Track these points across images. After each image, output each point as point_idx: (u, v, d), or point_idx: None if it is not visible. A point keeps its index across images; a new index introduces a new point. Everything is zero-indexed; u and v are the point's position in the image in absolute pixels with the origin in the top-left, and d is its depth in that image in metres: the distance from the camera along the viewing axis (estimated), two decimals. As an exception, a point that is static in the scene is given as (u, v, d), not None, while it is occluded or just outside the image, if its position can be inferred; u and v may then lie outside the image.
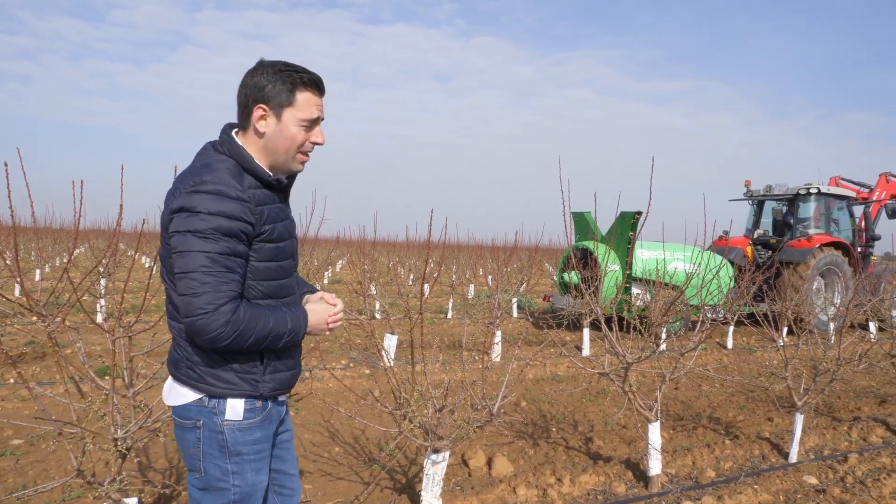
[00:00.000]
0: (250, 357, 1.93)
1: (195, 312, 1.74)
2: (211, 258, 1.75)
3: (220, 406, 1.92)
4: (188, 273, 1.75)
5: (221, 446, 1.93)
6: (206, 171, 1.82)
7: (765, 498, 4.00)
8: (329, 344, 8.84)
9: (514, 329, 11.07)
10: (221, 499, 1.96)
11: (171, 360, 1.99)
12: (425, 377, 3.37)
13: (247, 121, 1.92)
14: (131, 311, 10.68)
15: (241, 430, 1.94)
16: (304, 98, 1.90)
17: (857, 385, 7.55)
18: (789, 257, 11.50)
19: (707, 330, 4.51)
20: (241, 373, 1.92)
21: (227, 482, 1.95)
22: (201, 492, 1.98)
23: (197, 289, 1.74)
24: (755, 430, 5.52)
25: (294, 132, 1.91)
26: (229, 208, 1.78)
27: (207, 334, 1.76)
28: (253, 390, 1.95)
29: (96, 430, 3.17)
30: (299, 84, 1.89)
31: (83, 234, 22.75)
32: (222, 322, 1.75)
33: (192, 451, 1.95)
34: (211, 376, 1.90)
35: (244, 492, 1.98)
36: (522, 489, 4.01)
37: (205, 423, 1.92)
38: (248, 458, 1.97)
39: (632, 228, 9.77)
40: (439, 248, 10.47)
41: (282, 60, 1.91)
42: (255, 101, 1.88)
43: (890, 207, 13.51)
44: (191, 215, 1.76)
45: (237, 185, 1.82)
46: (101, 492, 2.74)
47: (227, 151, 1.90)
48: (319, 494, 3.94)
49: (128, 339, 2.98)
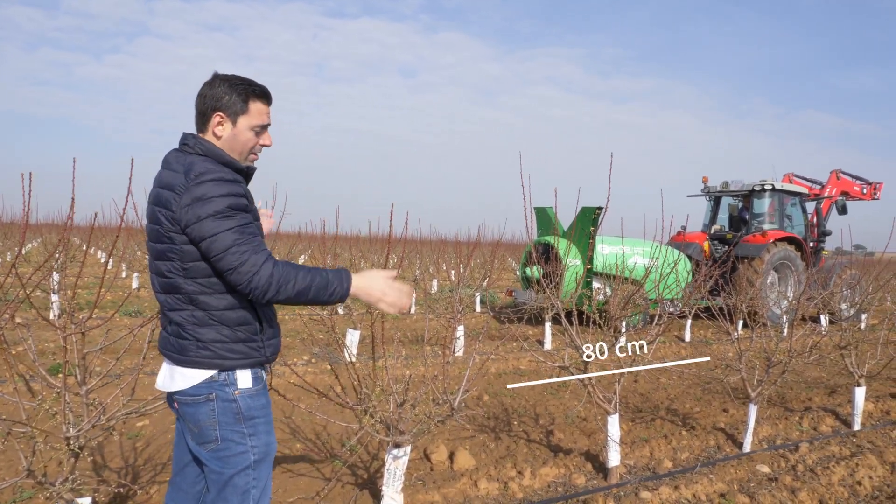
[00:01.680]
0: (252, 327, 2.19)
1: (244, 279, 2.02)
2: (237, 231, 2.04)
3: (231, 377, 2.16)
4: (227, 250, 2.02)
5: (236, 413, 2.17)
6: (198, 167, 2.07)
7: (720, 487, 4.09)
8: (290, 339, 8.76)
9: (477, 324, 11.11)
10: (243, 461, 2.18)
11: (175, 348, 2.17)
12: (386, 372, 3.36)
13: (205, 126, 2.19)
14: (85, 306, 10.42)
15: (251, 396, 2.20)
16: (256, 107, 2.20)
17: (809, 376, 7.78)
18: (745, 252, 11.76)
19: (665, 323, 4.59)
20: (248, 342, 2.18)
21: (245, 445, 2.18)
22: (221, 461, 2.18)
23: (239, 259, 2.02)
24: (711, 421, 5.65)
25: (247, 136, 2.21)
26: (233, 189, 2.07)
27: (262, 289, 2.04)
28: (260, 356, 2.22)
29: (47, 429, 3.08)
30: (252, 95, 2.18)
31: (35, 228, 22.10)
32: (268, 274, 2.03)
33: (207, 423, 2.15)
34: (225, 350, 2.14)
35: (262, 451, 2.23)
36: (484, 482, 4.03)
37: (217, 395, 2.14)
38: (260, 422, 2.22)
39: (593, 223, 9.88)
40: (401, 243, 10.43)
41: (236, 74, 2.20)
42: (213, 110, 2.16)
43: (840, 204, 13.93)
44: (205, 202, 2.01)
45: (229, 171, 2.11)
46: (53, 492, 2.68)
47: (200, 151, 2.14)
48: (280, 491, 3.90)
49: (81, 335, 2.91)
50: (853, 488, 4.19)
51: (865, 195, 15.05)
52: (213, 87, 2.16)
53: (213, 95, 2.15)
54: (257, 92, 2.20)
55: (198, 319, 2.12)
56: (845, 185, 14.80)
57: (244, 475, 2.20)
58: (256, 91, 2.19)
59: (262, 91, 2.21)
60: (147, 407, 3.13)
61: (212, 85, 2.17)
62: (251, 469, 2.20)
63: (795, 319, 5.24)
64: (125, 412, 3.03)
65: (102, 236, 19.94)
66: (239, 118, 2.17)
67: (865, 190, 15.04)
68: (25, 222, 2.98)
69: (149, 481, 3.93)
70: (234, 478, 2.18)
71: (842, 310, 11.98)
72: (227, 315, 2.14)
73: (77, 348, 2.91)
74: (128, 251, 14.72)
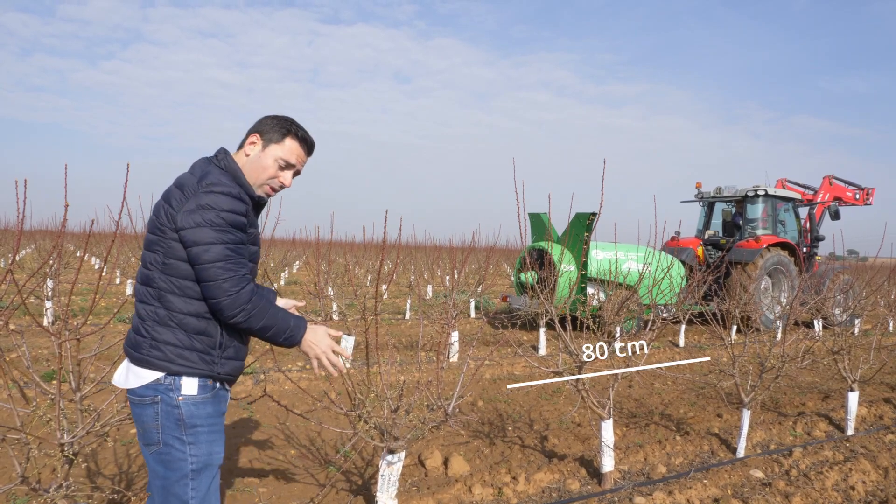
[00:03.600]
0: (211, 340, 2.19)
1: (222, 295, 2.08)
2: (229, 248, 2.10)
3: (176, 383, 2.15)
4: (213, 263, 2.07)
5: (178, 419, 2.15)
6: (213, 176, 2.15)
7: (713, 492, 4.11)
8: (285, 345, 8.73)
9: (472, 329, 11.12)
10: (181, 469, 2.17)
11: (131, 343, 2.20)
12: (380, 378, 3.37)
13: (242, 144, 2.32)
14: (79, 313, 10.39)
15: (195, 404, 2.18)
16: (290, 145, 2.31)
17: (802, 381, 7.80)
18: (738, 257, 11.81)
19: (658, 328, 4.61)
20: (202, 353, 2.18)
21: (184, 452, 2.17)
22: (161, 465, 2.18)
23: (223, 275, 2.07)
24: (705, 426, 5.66)
25: (269, 164, 2.29)
26: (237, 206, 2.13)
27: (232, 311, 2.10)
28: (209, 370, 2.19)
29: (42, 435, 3.08)
30: (291, 133, 2.31)
31: (29, 234, 22.03)
32: (244, 300, 2.10)
33: (151, 426, 2.16)
34: (175, 354, 2.14)
35: (202, 461, 2.20)
36: (478, 488, 4.03)
37: (162, 399, 2.14)
38: (202, 431, 2.20)
39: (587, 229, 9.91)
40: (395, 249, 10.46)
41: (292, 117, 2.36)
42: (253, 131, 2.31)
43: (833, 209, 14.00)
44: (207, 211, 2.08)
45: (240, 189, 2.19)
46: (47, 498, 2.67)
47: (223, 165, 2.24)
48: (274, 497, 3.90)
49: (75, 341, 2.91)
50: (847, 493, 4.20)
51: (858, 200, 15.14)
52: (268, 117, 2.33)
53: (261, 122, 2.32)
54: (298, 134, 2.33)
55: (159, 317, 2.15)
56: (838, 190, 14.89)
57: (182, 484, 2.18)
58: (298, 132, 2.33)
59: (304, 135, 2.34)
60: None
61: (270, 116, 2.34)
62: (189, 479, 2.19)
63: (789, 324, 5.26)
64: (119, 419, 3.03)
65: (96, 243, 19.88)
66: (270, 145, 2.29)
67: (858, 195, 15.13)
68: (20, 229, 2.98)
69: (142, 487, 3.92)
70: (173, 485, 2.18)
71: (835, 315, 12.04)
72: (188, 321, 2.16)
73: (71, 355, 2.91)
74: (122, 257, 14.69)
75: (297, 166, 2.36)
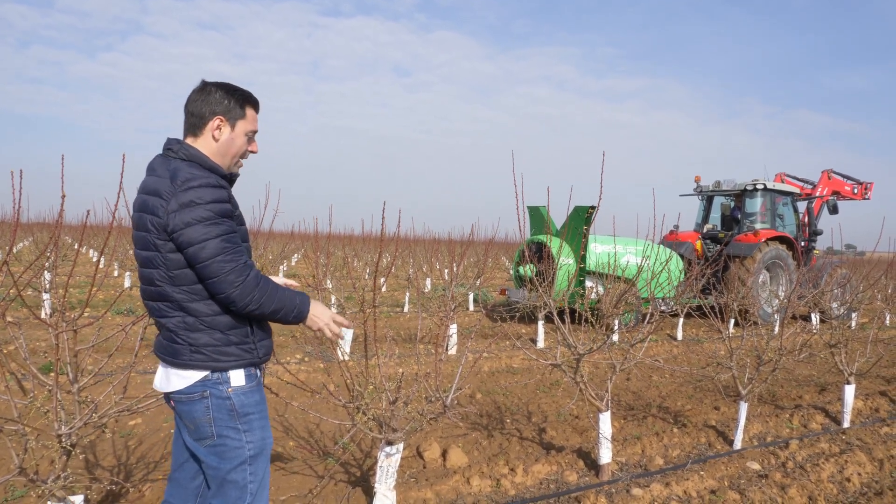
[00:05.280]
0: (244, 330, 2.23)
1: (230, 288, 2.08)
2: (224, 240, 2.08)
3: (224, 376, 2.21)
4: (213, 258, 2.06)
5: (230, 410, 2.22)
6: (184, 172, 2.11)
7: (710, 484, 4.12)
8: (283, 338, 8.75)
9: (471, 322, 11.12)
10: (238, 458, 2.24)
11: (169, 352, 2.22)
12: (379, 370, 3.37)
13: (200, 130, 2.24)
14: (77, 305, 10.38)
15: (244, 393, 2.24)
16: (251, 113, 2.31)
17: (799, 374, 7.82)
18: (737, 251, 11.82)
19: (656, 321, 4.61)
20: (240, 344, 2.23)
21: (241, 440, 2.24)
22: (216, 457, 2.23)
23: (225, 268, 2.07)
24: (702, 418, 5.68)
25: (242, 141, 2.30)
26: (220, 195, 2.11)
27: (244, 301, 2.10)
28: (252, 357, 2.26)
29: (39, 427, 3.08)
30: (247, 102, 2.30)
31: (27, 226, 21.97)
32: (252, 286, 2.11)
33: (202, 420, 2.21)
34: (218, 353, 2.19)
35: (258, 446, 2.28)
36: (476, 480, 4.05)
37: (212, 393, 2.20)
38: (254, 418, 2.27)
39: (585, 222, 9.91)
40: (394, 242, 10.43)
41: (227, 82, 2.30)
42: (213, 114, 2.23)
43: (831, 203, 14.00)
44: (193, 208, 2.05)
45: (216, 177, 2.16)
46: (45, 490, 2.67)
47: (184, 156, 2.17)
48: (273, 489, 3.91)
49: (73, 333, 2.90)
50: (842, 485, 4.22)
51: (856, 195, 15.14)
52: (209, 93, 2.24)
53: (212, 100, 2.23)
54: (251, 99, 2.32)
55: (189, 325, 2.17)
56: (836, 184, 14.89)
57: (241, 470, 2.25)
58: (251, 98, 2.32)
59: (255, 99, 2.34)
60: (139, 405, 3.13)
61: (207, 91, 2.25)
62: (247, 464, 2.26)
63: (786, 318, 5.27)
64: (117, 410, 3.03)
65: (94, 235, 19.85)
66: (237, 122, 2.27)
67: (856, 190, 15.13)
68: (16, 220, 2.97)
69: (141, 479, 3.93)
70: (231, 473, 2.24)
71: (832, 308, 12.06)
72: (218, 320, 2.19)
73: (69, 346, 2.91)
74: (119, 250, 14.67)
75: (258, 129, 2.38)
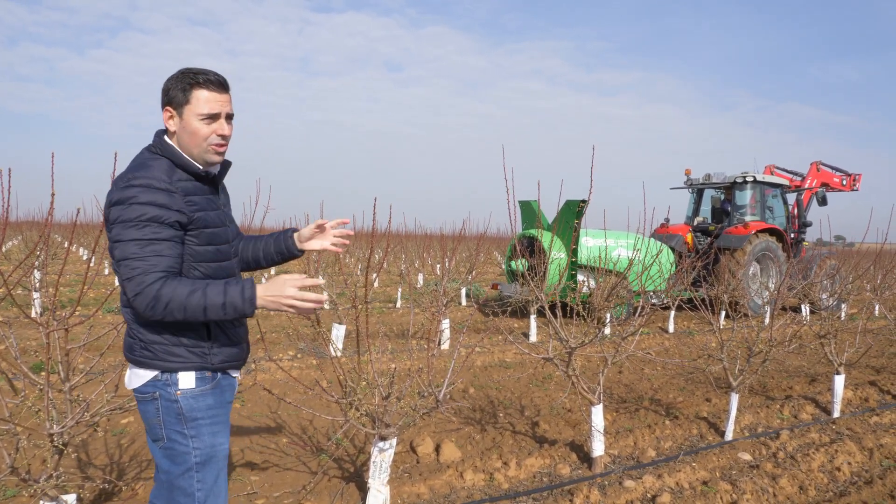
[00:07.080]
0: (197, 333, 2.15)
1: (131, 294, 1.98)
2: (139, 244, 1.97)
3: (173, 378, 2.14)
4: (123, 260, 1.98)
5: (178, 414, 2.14)
6: (139, 168, 2.06)
7: (702, 475, 4.15)
8: (276, 335, 8.74)
9: (463, 317, 11.14)
10: (185, 463, 2.16)
11: (127, 346, 2.19)
12: (371, 366, 3.37)
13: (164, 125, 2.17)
14: (68, 304, 10.33)
15: (194, 397, 2.16)
16: (200, 95, 2.10)
17: (790, 365, 7.88)
18: (727, 243, 11.88)
19: (647, 314, 4.63)
20: (190, 347, 2.14)
21: (187, 446, 2.16)
22: (167, 460, 2.18)
23: (130, 273, 1.97)
24: (694, 410, 5.71)
25: (195, 127, 2.12)
26: (158, 198, 2.01)
27: (144, 310, 1.99)
28: (203, 362, 2.17)
29: (31, 426, 3.07)
30: (194, 84, 2.10)
31: (16, 225, 21.83)
32: (152, 296, 1.96)
33: (154, 421, 2.16)
34: (164, 352, 2.12)
35: (205, 454, 2.19)
36: (469, 474, 4.06)
37: (161, 395, 2.14)
38: (203, 423, 2.18)
39: (577, 216, 9.93)
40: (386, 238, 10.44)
41: (187, 67, 2.14)
42: (162, 106, 2.14)
43: (820, 195, 14.09)
44: (124, 207, 1.99)
45: (165, 179, 2.05)
46: (37, 489, 2.67)
47: (160, 152, 2.13)
48: (266, 485, 3.91)
49: (64, 332, 2.89)
50: (832, 474, 4.26)
51: (845, 186, 15.24)
52: (167, 82, 2.13)
53: (163, 90, 2.13)
54: (201, 80, 2.10)
55: (140, 320, 2.12)
56: (825, 176, 14.97)
57: (188, 476, 2.17)
58: (200, 80, 2.10)
59: (207, 79, 2.11)
60: (131, 403, 3.12)
61: (168, 80, 2.13)
62: (194, 471, 2.17)
63: (776, 309, 5.30)
64: (109, 409, 3.03)
65: (84, 233, 19.74)
66: (183, 109, 2.10)
67: (845, 181, 15.23)
68: (5, 219, 2.95)
69: (134, 478, 3.92)
70: (179, 478, 2.17)
71: (822, 299, 12.15)
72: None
73: (60, 345, 2.90)
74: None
75: (224, 110, 2.15)
